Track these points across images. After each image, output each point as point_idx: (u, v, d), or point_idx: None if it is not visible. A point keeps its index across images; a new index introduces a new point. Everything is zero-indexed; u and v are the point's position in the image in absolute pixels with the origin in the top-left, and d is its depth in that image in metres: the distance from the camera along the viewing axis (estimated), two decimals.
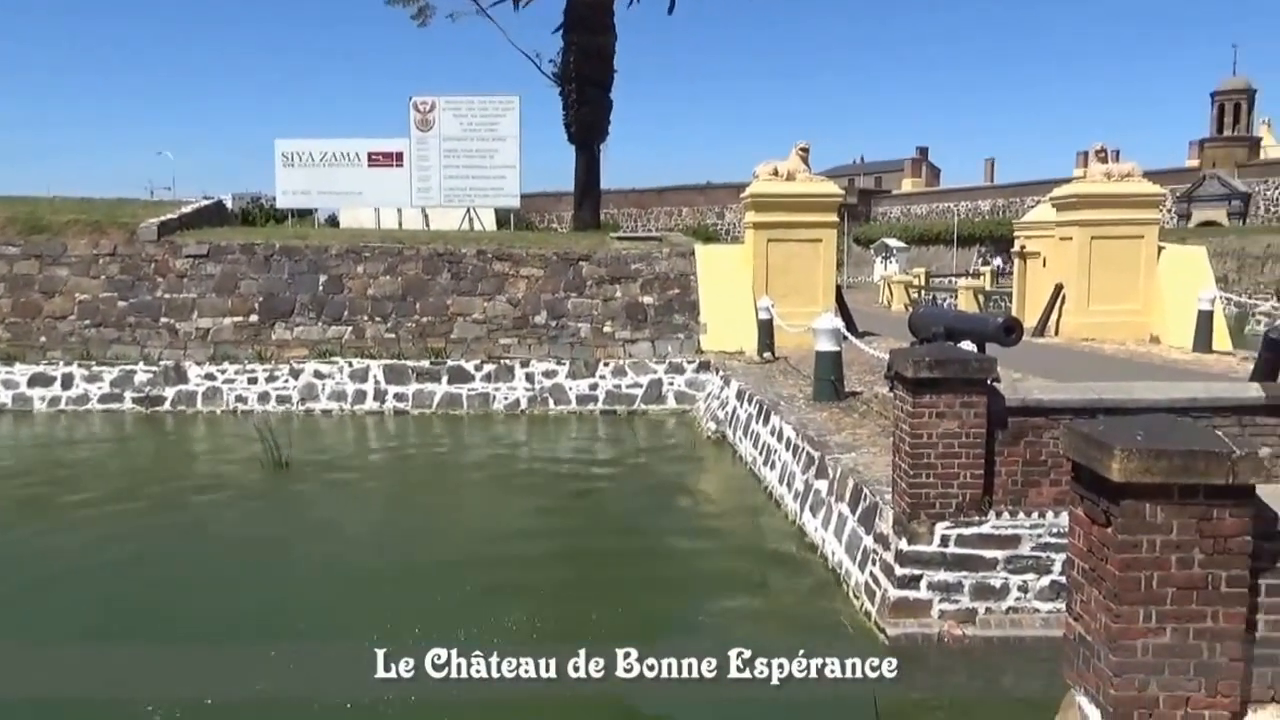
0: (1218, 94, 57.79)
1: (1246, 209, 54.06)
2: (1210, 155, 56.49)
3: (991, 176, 77.10)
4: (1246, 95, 57.28)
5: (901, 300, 33.58)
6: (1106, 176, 19.59)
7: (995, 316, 12.54)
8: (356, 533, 10.93)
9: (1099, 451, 4.15)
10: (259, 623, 7.96)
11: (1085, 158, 32.37)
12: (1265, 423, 7.38)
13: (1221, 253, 38.89)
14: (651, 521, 11.28)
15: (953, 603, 7.19)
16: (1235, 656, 4.14)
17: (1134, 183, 19.63)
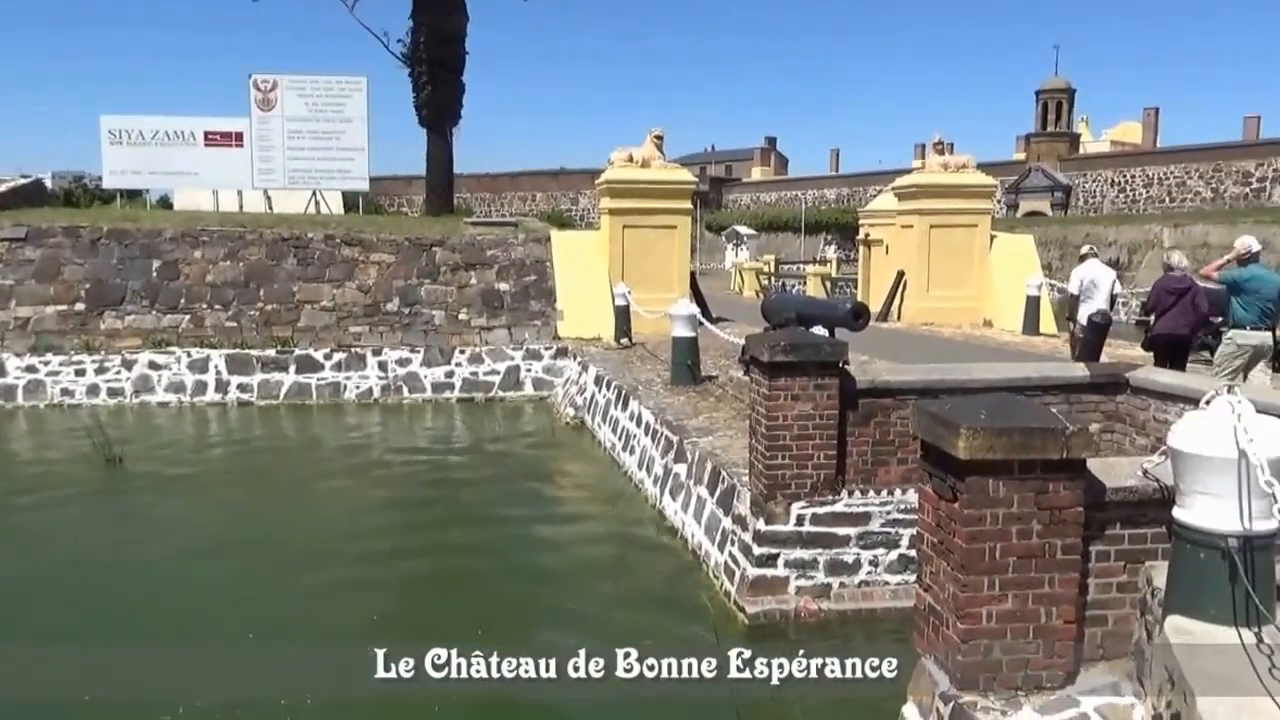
0: (1041, 92, 61.51)
1: (1068, 200, 57.86)
2: (1035, 149, 60.16)
3: (837, 166, 79.82)
4: (1067, 94, 61.20)
5: (753, 286, 34.33)
6: (944, 168, 20.56)
7: (844, 302, 12.99)
8: (195, 531, 10.36)
9: (946, 430, 4.34)
10: (100, 632, 7.46)
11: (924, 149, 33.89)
12: (1090, 399, 7.92)
13: (1046, 241, 41.46)
14: (511, 510, 11.19)
15: (808, 579, 7.42)
16: (1069, 619, 4.41)
17: (969, 174, 20.68)
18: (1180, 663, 3.57)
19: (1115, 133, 67.58)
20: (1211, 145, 53.50)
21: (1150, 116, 65.30)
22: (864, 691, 4.65)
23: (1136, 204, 54.09)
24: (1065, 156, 59.51)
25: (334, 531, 10.40)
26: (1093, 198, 57.08)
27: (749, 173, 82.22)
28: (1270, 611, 3.80)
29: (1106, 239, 42.11)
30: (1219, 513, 3.79)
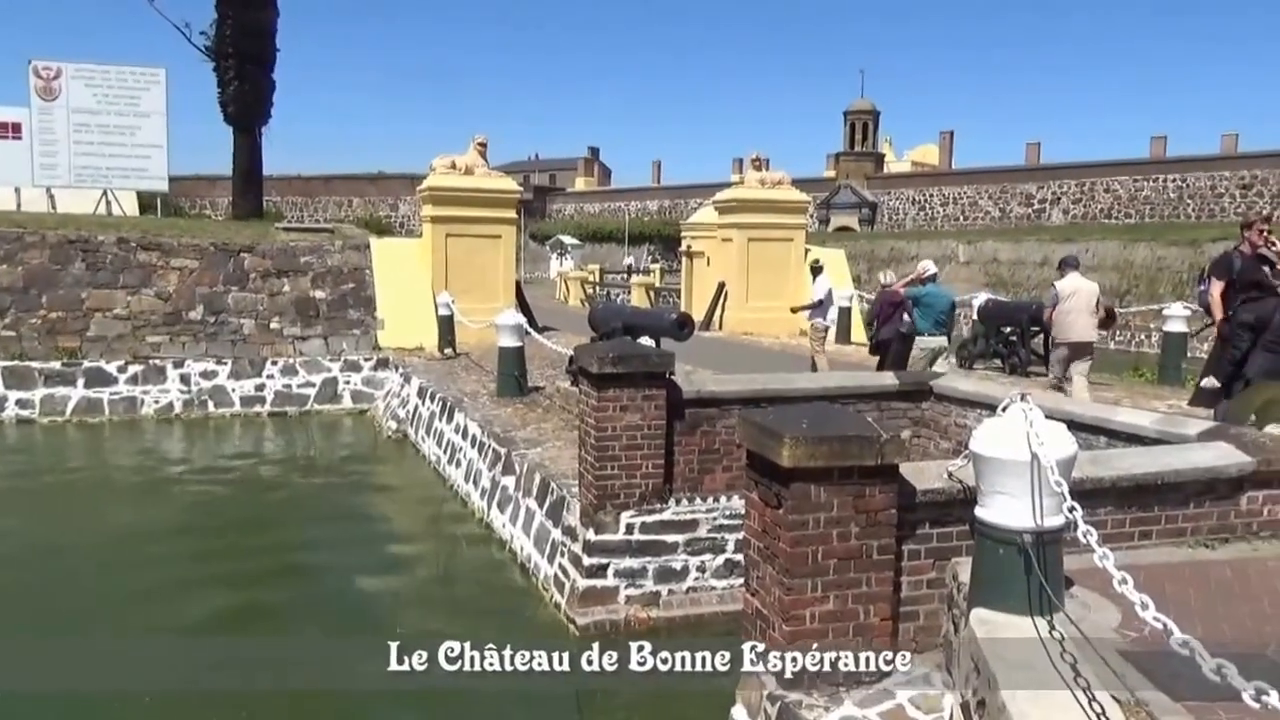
0: (849, 113, 64.98)
1: (874, 216, 61.30)
2: (844, 167, 63.48)
3: (659, 178, 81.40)
4: (872, 115, 64.91)
5: (578, 296, 34.59)
6: (761, 183, 21.39)
7: (669, 312, 13.28)
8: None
9: (771, 440, 4.54)
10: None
11: (742, 165, 35.02)
12: (899, 406, 8.44)
13: (855, 255, 43.78)
14: (329, 531, 10.79)
15: (638, 588, 7.55)
16: (886, 616, 4.70)
17: (785, 190, 21.59)
18: (983, 652, 3.87)
19: (915, 154, 72.15)
20: (999, 168, 57.97)
21: (946, 140, 70.04)
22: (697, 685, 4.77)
23: (935, 221, 57.92)
24: (871, 175, 63.06)
25: (119, 563, 9.32)
26: (896, 215, 60.69)
27: (573, 182, 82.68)
28: (1060, 600, 4.18)
29: (909, 254, 44.83)
30: (1015, 511, 4.13)
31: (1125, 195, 50.25)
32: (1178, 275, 33.37)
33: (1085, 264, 37.67)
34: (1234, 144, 52.30)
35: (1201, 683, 3.07)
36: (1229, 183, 46.32)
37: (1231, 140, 53.24)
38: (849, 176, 62.53)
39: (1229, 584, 4.92)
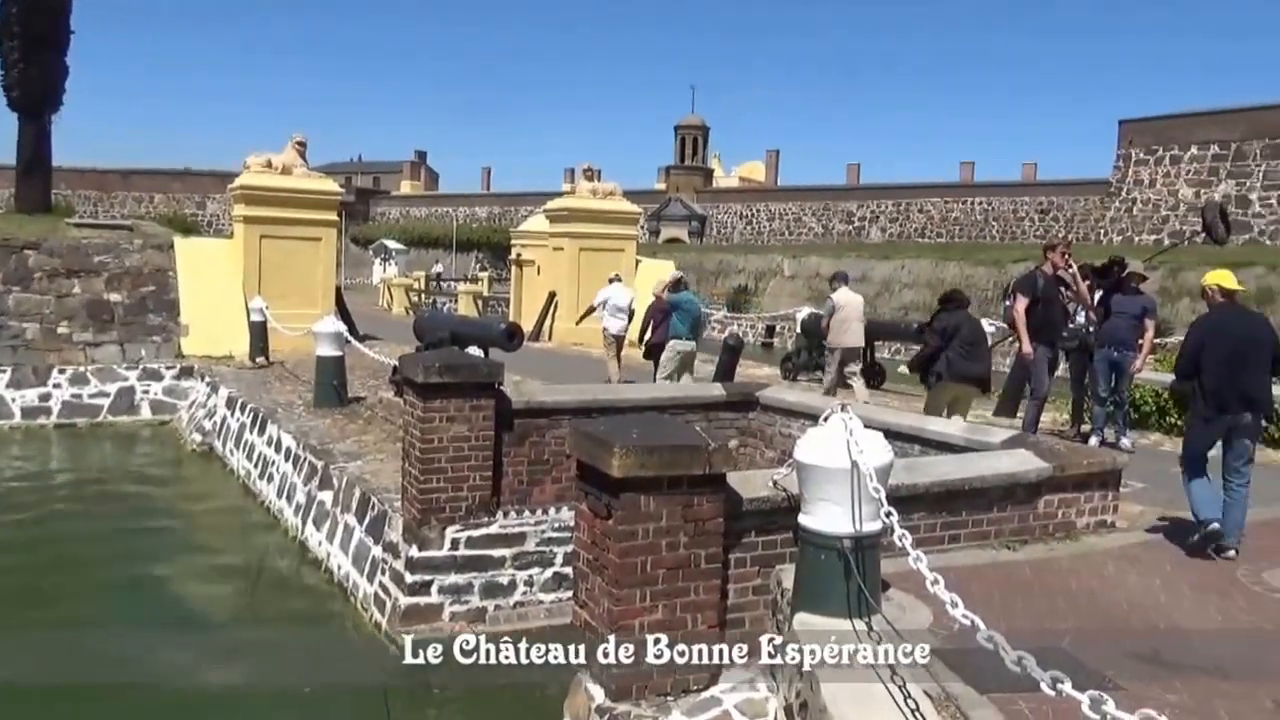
0: (680, 127, 66.40)
1: (703, 229, 62.83)
2: (675, 181, 64.80)
3: (488, 185, 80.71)
4: (702, 131, 66.57)
5: (402, 303, 33.80)
6: (593, 193, 21.56)
7: (498, 322, 13.18)
8: None
9: (601, 450, 4.56)
10: None
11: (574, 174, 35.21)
12: (726, 416, 8.66)
13: (684, 267, 44.63)
14: (123, 550, 10.05)
15: (463, 604, 7.43)
16: (713, 624, 4.80)
17: (616, 200, 21.84)
18: (805, 655, 4.01)
19: (743, 170, 74.52)
20: (822, 187, 60.65)
21: (772, 157, 72.63)
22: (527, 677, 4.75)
23: (762, 236, 59.92)
24: (701, 189, 64.66)
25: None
26: (725, 228, 62.42)
27: (398, 186, 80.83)
28: (877, 602, 4.39)
29: (737, 266, 46.20)
30: (836, 517, 4.32)
31: (937, 216, 53.51)
32: (984, 293, 35.72)
33: (902, 281, 39.92)
34: (1033, 172, 56.69)
35: (1005, 675, 3.30)
36: (1029, 207, 50.08)
37: (1031, 169, 57.70)
38: (679, 190, 63.88)
39: (1029, 583, 5.30)
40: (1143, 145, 43.56)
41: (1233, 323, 6.24)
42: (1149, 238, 40.02)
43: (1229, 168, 40.57)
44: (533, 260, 23.18)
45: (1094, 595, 5.14)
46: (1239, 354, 6.01)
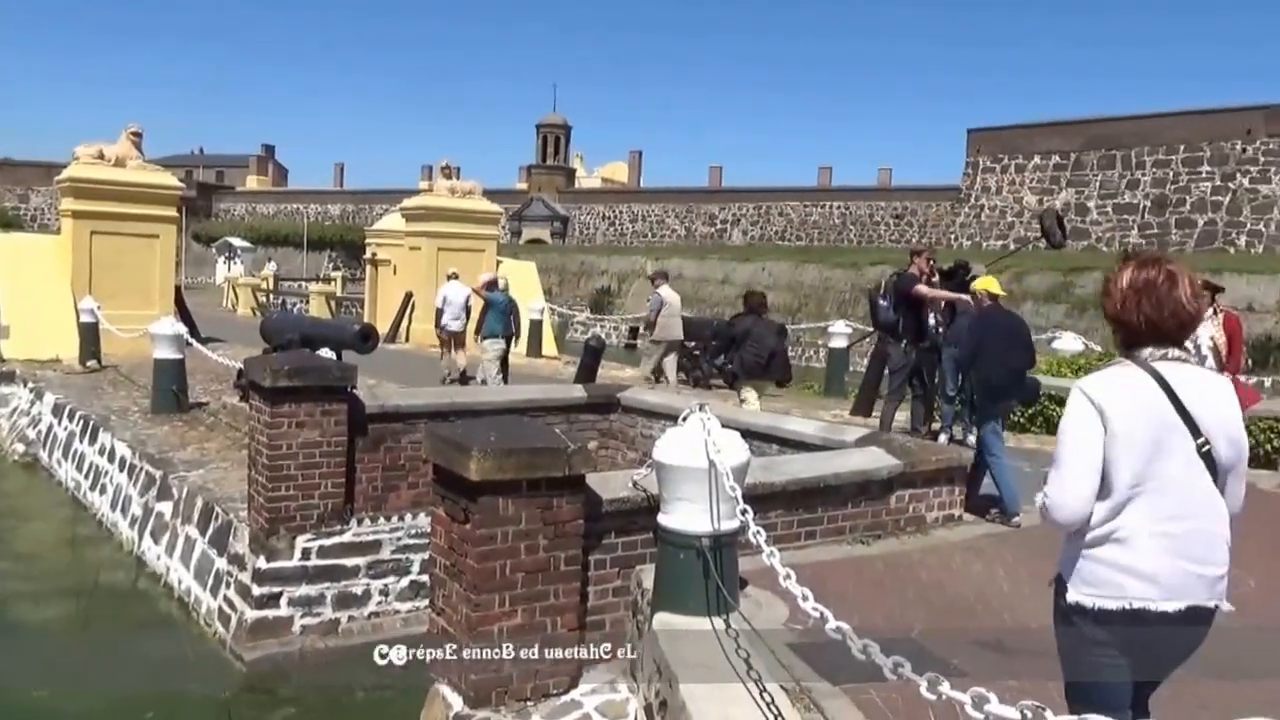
0: (541, 126, 66.28)
1: (566, 230, 62.86)
2: (537, 180, 64.64)
3: (341, 181, 78.65)
4: (564, 130, 66.65)
5: (249, 304, 32.58)
6: (451, 191, 21.28)
7: (351, 323, 12.87)
8: None
9: (458, 453, 4.53)
10: None
11: (431, 172, 34.67)
12: (587, 418, 8.70)
13: (546, 268, 44.65)
14: None
15: (315, 616, 7.22)
16: (573, 627, 4.82)
17: (476, 199, 21.62)
18: (665, 653, 4.08)
19: (605, 171, 75.01)
20: (685, 189, 61.58)
21: (635, 158, 73.38)
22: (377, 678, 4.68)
23: (625, 237, 60.36)
24: (563, 189, 64.68)
25: None
26: (587, 229, 62.61)
27: (244, 181, 77.88)
28: (735, 600, 4.49)
29: (600, 268, 46.42)
30: (694, 516, 4.40)
31: (797, 219, 55.07)
32: (842, 295, 37.00)
33: (763, 283, 40.85)
34: (888, 177, 59.03)
35: (856, 666, 3.43)
36: (884, 212, 52.10)
37: (886, 174, 60.08)
38: (541, 189, 63.75)
39: (881, 577, 5.53)
40: (990, 154, 45.97)
41: (1002, 322, 7.55)
42: (996, 243, 42.22)
43: (1069, 176, 43.24)
44: (389, 260, 22.72)
45: (942, 587, 5.40)
46: (1008, 348, 7.25)
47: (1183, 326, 2.61)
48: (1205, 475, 2.54)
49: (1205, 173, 39.36)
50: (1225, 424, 2.57)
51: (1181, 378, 2.56)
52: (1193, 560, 2.51)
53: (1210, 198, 39.08)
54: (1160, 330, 2.59)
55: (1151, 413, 2.53)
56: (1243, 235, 37.91)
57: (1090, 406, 2.55)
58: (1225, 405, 2.60)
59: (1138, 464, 2.51)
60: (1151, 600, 2.49)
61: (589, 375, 12.31)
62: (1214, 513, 2.56)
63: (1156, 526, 2.51)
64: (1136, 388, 2.56)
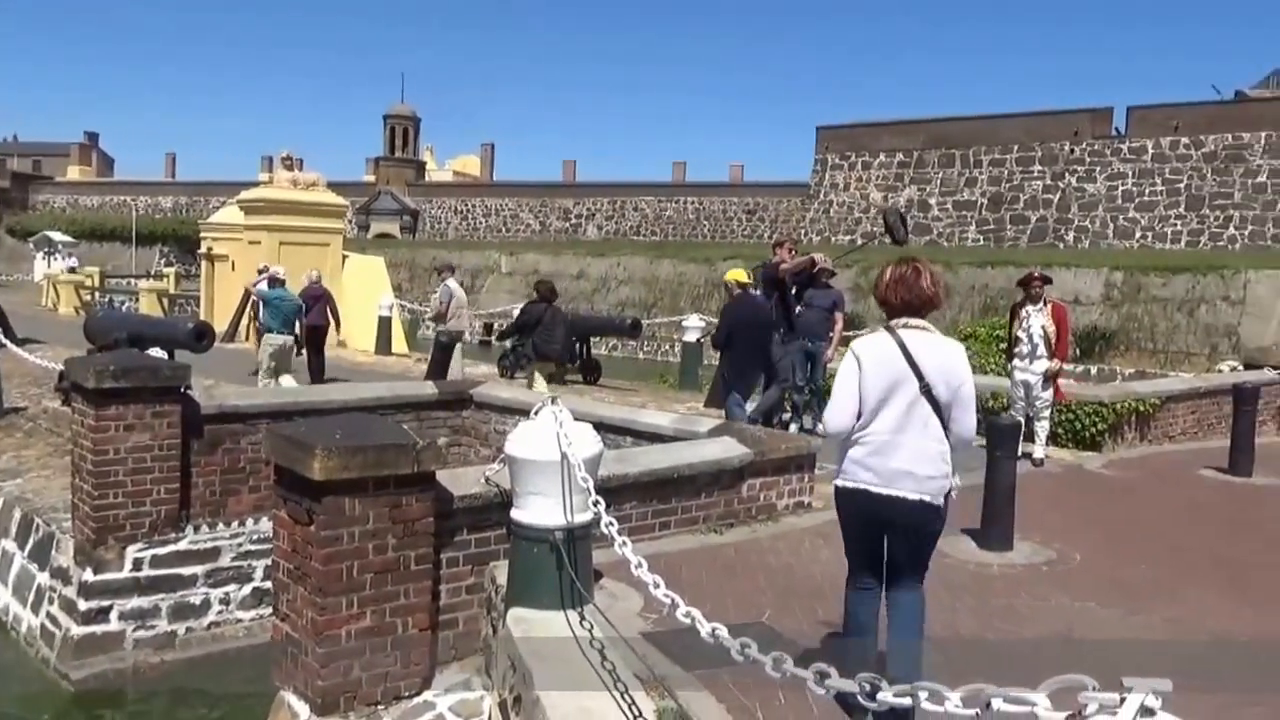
0: (389, 117, 64.78)
1: (416, 224, 61.67)
2: (385, 173, 63.14)
3: (173, 172, 75.03)
4: (413, 121, 65.32)
5: (71, 303, 30.67)
6: (293, 184, 20.59)
7: (185, 321, 12.33)
8: None
9: (301, 453, 4.41)
10: None
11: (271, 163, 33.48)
12: (439, 415, 8.60)
13: (396, 263, 43.76)
14: None
15: (149, 629, 6.90)
16: (425, 627, 4.77)
17: (319, 192, 20.97)
18: (519, 648, 4.09)
19: (457, 164, 73.87)
20: (539, 183, 61.33)
21: (487, 151, 72.59)
22: None
23: (478, 232, 59.70)
24: (413, 182, 63.43)
25: None
26: (439, 223, 61.62)
27: (64, 171, 73.24)
28: (589, 592, 4.54)
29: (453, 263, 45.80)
30: (547, 510, 4.43)
31: (651, 214, 55.64)
32: (696, 289, 37.61)
33: (618, 278, 41.18)
34: (740, 173, 60.29)
35: (709, 651, 3.52)
36: (737, 207, 53.20)
37: (739, 170, 61.34)
38: (390, 182, 62.34)
39: (733, 564, 5.68)
40: (838, 151, 47.55)
41: (751, 309, 8.87)
42: (844, 237, 43.74)
43: (912, 174, 45.17)
44: (226, 255, 21.78)
45: (791, 571, 5.59)
46: (756, 331, 8.65)
47: (924, 305, 3.79)
48: (926, 406, 3.64)
49: (1037, 172, 41.79)
50: (944, 371, 3.66)
51: (915, 339, 3.71)
52: (904, 463, 3.62)
53: (1041, 195, 41.52)
54: (909, 308, 3.78)
55: (889, 361, 3.69)
56: (1071, 231, 40.45)
57: (853, 356, 3.76)
58: (945, 358, 3.69)
59: (877, 395, 3.66)
60: (871, 485, 3.66)
61: (440, 372, 12.16)
62: (928, 433, 3.64)
63: (882, 439, 3.65)
64: (883, 345, 3.74)
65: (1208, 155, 38.08)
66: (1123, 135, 40.40)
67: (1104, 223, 39.78)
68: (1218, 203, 37.56)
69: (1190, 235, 37.81)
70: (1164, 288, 28.42)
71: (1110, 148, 40.30)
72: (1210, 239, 37.29)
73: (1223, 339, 26.69)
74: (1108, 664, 4.42)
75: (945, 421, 3.64)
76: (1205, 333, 27.20)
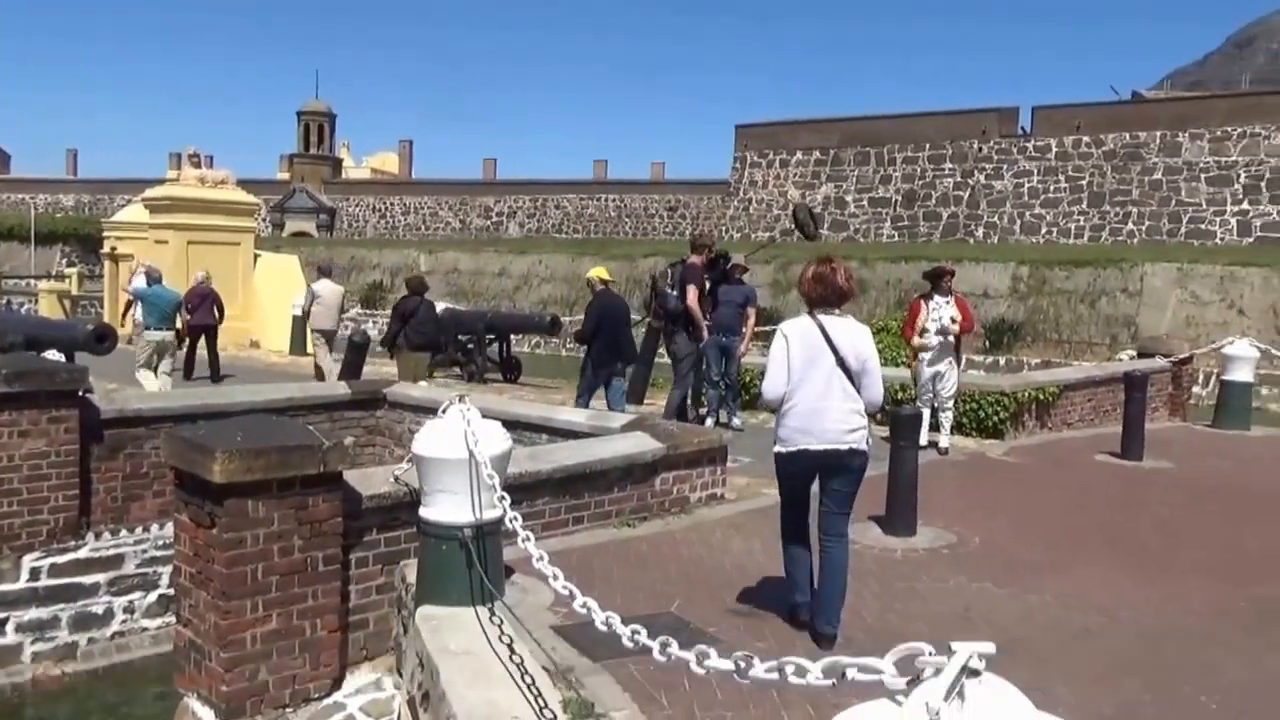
0: (303, 113, 63.55)
1: (333, 222, 60.64)
2: (300, 170, 61.93)
3: (75, 169, 72.56)
4: (328, 117, 64.19)
5: None
6: (201, 181, 20.11)
7: (85, 323, 11.97)
8: None
9: (200, 455, 4.35)
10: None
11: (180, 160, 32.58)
12: (352, 415, 8.51)
13: (312, 263, 42.88)
14: None
15: (48, 641, 6.71)
16: (334, 628, 4.74)
17: (229, 190, 20.52)
18: (426, 645, 4.10)
19: (374, 161, 72.80)
20: (459, 181, 60.77)
21: (405, 148, 71.69)
22: None
23: (396, 230, 58.96)
24: (329, 180, 62.36)
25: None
26: (357, 221, 60.69)
27: None
28: (499, 588, 4.56)
29: (371, 261, 45.15)
30: (456, 507, 4.43)
31: (574, 212, 55.60)
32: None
33: (540, 275, 41.06)
34: (661, 171, 60.55)
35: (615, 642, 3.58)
36: (659, 205, 53.47)
37: (660, 168, 61.59)
38: (305, 180, 61.18)
39: (646, 556, 5.75)
40: (756, 149, 48.08)
41: (612, 304, 9.96)
42: (764, 234, 44.21)
43: (828, 172, 45.89)
44: (131, 254, 21.16)
45: (701, 561, 5.68)
46: (618, 324, 9.72)
47: (839, 298, 4.64)
48: (842, 377, 4.49)
49: (948, 169, 42.82)
50: (854, 347, 4.53)
51: (832, 323, 4.57)
52: (830, 422, 4.48)
53: (953, 192, 42.56)
54: (827, 300, 4.63)
55: (811, 340, 4.54)
56: (980, 227, 41.54)
57: (782, 336, 4.62)
58: (855, 338, 4.56)
59: (802, 368, 4.52)
60: (810, 445, 4.50)
61: (353, 372, 12.01)
62: (847, 396, 4.50)
63: (808, 404, 4.50)
64: (806, 327, 4.60)
65: (1108, 153, 39.47)
66: (1028, 134, 41.64)
67: (1011, 218, 40.95)
68: (1117, 199, 38.96)
69: (1092, 230, 39.15)
70: (1067, 281, 29.37)
71: (1017, 146, 41.50)
72: (1110, 234, 38.66)
73: (1122, 329, 27.71)
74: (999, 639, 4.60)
75: (858, 388, 4.51)
76: (1106, 323, 28.20)
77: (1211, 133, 37.70)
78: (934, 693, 1.40)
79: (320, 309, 14.49)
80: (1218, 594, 5.45)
